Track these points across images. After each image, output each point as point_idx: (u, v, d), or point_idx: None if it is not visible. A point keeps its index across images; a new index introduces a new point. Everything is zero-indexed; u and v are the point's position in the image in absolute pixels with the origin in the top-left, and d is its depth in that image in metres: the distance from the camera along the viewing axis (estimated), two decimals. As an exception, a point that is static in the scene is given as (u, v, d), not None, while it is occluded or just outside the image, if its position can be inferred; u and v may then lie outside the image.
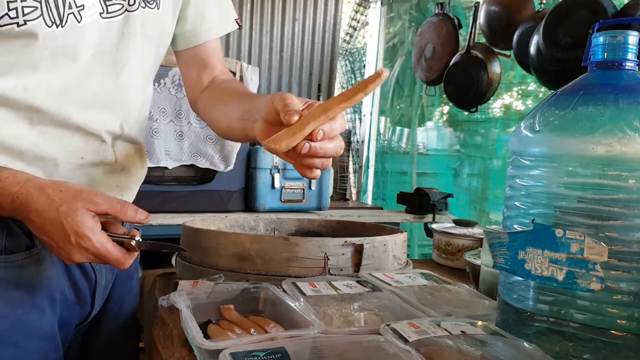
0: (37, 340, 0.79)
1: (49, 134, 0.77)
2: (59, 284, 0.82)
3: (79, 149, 0.80)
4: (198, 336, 0.64)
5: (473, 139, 2.78)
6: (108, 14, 0.77)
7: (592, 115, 0.59)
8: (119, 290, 0.99)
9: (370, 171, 3.58)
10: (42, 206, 0.68)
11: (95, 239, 0.69)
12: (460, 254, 1.38)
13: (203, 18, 0.96)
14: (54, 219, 0.68)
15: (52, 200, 0.68)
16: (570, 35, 1.72)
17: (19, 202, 0.69)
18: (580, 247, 0.57)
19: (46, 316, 0.80)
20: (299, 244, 0.95)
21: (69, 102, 0.77)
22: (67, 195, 0.69)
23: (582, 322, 0.59)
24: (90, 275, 0.87)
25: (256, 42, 3.29)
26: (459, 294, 0.90)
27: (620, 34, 0.62)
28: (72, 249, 0.69)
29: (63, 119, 0.77)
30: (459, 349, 0.61)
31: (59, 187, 0.70)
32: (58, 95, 0.76)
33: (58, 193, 0.69)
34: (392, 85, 3.39)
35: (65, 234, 0.68)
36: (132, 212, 0.74)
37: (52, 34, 0.71)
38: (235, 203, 2.35)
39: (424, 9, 3.14)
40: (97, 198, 0.71)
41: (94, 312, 0.92)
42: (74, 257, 0.70)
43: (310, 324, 0.68)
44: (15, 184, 0.69)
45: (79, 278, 0.86)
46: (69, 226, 0.68)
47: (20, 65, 0.72)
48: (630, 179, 0.57)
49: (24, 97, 0.73)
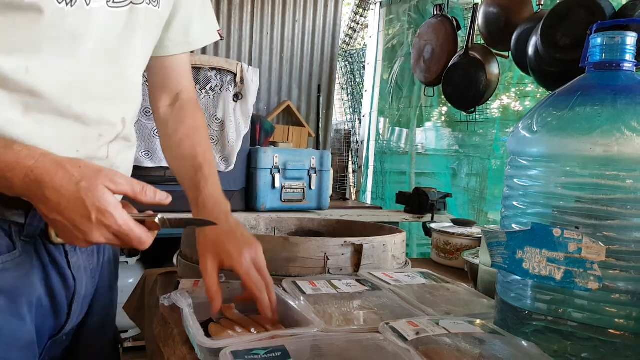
0: (18, 350, 0.74)
1: (45, 123, 0.72)
2: (37, 290, 0.76)
3: (75, 141, 0.76)
4: (199, 335, 0.64)
5: (471, 140, 2.79)
6: (115, 3, 0.76)
7: (590, 115, 0.59)
8: (102, 302, 0.93)
9: (369, 171, 3.59)
10: (60, 181, 0.63)
11: (118, 216, 0.64)
12: (458, 253, 1.39)
13: (188, 29, 0.95)
14: (73, 194, 0.63)
15: (72, 176, 0.64)
16: (568, 36, 1.73)
17: (33, 177, 0.63)
18: (578, 247, 0.58)
19: (27, 325, 0.75)
20: (299, 244, 0.95)
21: (71, 91, 0.73)
22: (87, 171, 0.65)
23: (580, 321, 0.59)
24: (69, 283, 0.81)
25: (256, 43, 3.30)
26: (458, 293, 0.91)
27: (618, 35, 0.63)
28: (91, 228, 0.64)
29: (62, 107, 0.72)
30: (457, 347, 0.62)
31: (77, 163, 0.66)
32: (60, 82, 0.72)
33: (77, 169, 0.65)
34: (392, 86, 3.39)
35: (85, 211, 0.63)
36: (152, 194, 0.69)
37: (61, 12, 0.69)
38: (236, 203, 2.35)
39: (422, 10, 3.15)
40: (117, 177, 0.66)
41: (69, 324, 0.84)
42: (92, 236, 0.65)
43: (310, 323, 0.68)
44: (30, 158, 0.64)
45: (57, 285, 0.79)
46: (90, 202, 0.63)
47: (23, 44, 0.68)
48: (627, 179, 0.57)
49: (24, 79, 0.68)
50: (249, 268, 0.77)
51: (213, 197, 0.87)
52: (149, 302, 1.07)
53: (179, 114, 0.99)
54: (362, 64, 3.76)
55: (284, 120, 3.39)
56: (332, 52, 3.53)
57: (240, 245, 0.79)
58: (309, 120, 3.47)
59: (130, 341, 2.43)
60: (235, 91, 2.36)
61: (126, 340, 2.43)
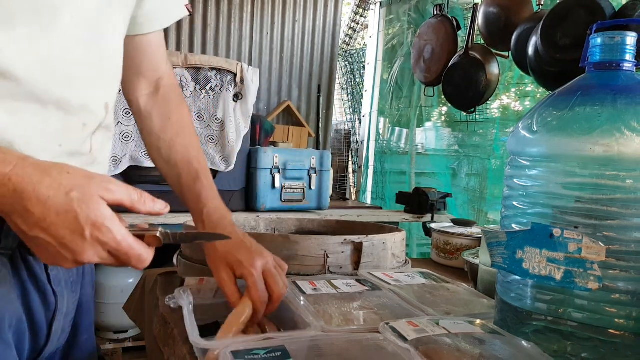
0: None
1: (22, 113, 0.61)
2: (17, 310, 0.66)
3: (57, 133, 0.66)
4: (193, 335, 0.64)
5: (471, 140, 2.79)
6: None
7: (590, 115, 0.59)
8: (88, 317, 0.83)
9: (369, 171, 3.59)
10: (46, 191, 0.53)
11: (116, 231, 0.56)
12: (458, 253, 1.39)
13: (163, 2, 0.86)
14: (62, 206, 0.53)
15: (60, 184, 0.54)
16: (568, 36, 1.73)
17: (12, 187, 0.52)
18: (578, 247, 0.58)
19: (12, 351, 0.65)
20: (299, 242, 0.95)
21: (49, 72, 0.63)
22: (78, 178, 0.55)
23: (580, 321, 0.59)
24: (49, 300, 0.70)
25: (257, 43, 3.30)
26: (458, 293, 0.91)
27: (618, 35, 0.62)
28: (84, 245, 0.55)
29: (40, 92, 0.62)
30: (457, 347, 0.62)
31: (64, 169, 0.56)
32: (37, 62, 0.61)
33: (65, 175, 0.55)
34: (392, 86, 3.40)
35: (78, 227, 0.54)
36: (151, 202, 0.61)
37: None
38: (236, 203, 2.36)
39: (422, 10, 3.15)
40: (111, 185, 0.57)
41: (49, 346, 0.72)
42: (84, 256, 0.55)
43: (310, 323, 0.68)
44: (7, 163, 0.53)
45: (35, 303, 0.69)
46: (84, 216, 0.54)
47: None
48: (627, 179, 0.57)
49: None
50: (259, 279, 0.75)
51: (219, 210, 0.83)
52: (149, 302, 1.07)
53: (165, 108, 0.90)
54: (362, 64, 3.77)
55: (284, 120, 3.39)
56: (332, 52, 3.53)
57: (252, 255, 0.77)
58: (309, 120, 3.47)
59: (130, 341, 2.43)
60: (235, 91, 2.36)
61: (126, 340, 2.43)
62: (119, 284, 2.30)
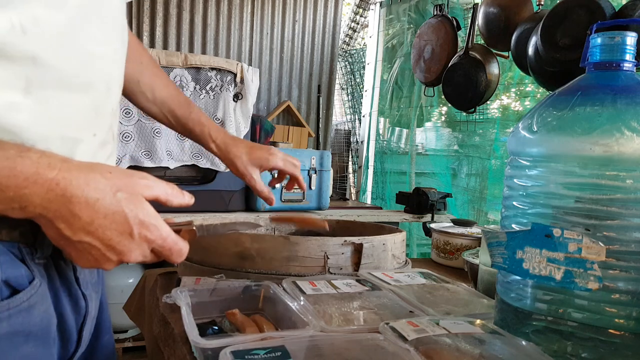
0: None
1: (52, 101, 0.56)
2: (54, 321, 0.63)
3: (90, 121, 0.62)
4: (193, 334, 0.64)
5: (471, 140, 2.79)
6: None
7: (590, 115, 0.59)
8: (107, 317, 0.81)
9: (369, 171, 3.59)
10: (94, 193, 0.51)
11: (162, 228, 0.56)
12: (458, 253, 1.39)
13: None
14: (110, 207, 0.52)
15: (105, 186, 0.52)
16: (568, 36, 1.73)
17: (60, 192, 0.50)
18: (578, 247, 0.58)
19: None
20: (299, 243, 0.95)
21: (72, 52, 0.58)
22: (120, 178, 0.54)
23: (580, 321, 0.59)
24: (80, 304, 0.68)
25: (256, 43, 3.30)
26: (458, 293, 0.91)
27: (618, 35, 0.62)
28: (130, 245, 0.54)
29: (69, 76, 0.58)
30: (457, 347, 0.62)
31: (105, 169, 0.54)
32: (58, 42, 0.56)
33: (109, 176, 0.53)
34: (391, 86, 3.39)
35: (127, 227, 0.53)
36: (181, 195, 0.61)
37: None
38: (236, 203, 2.35)
39: (422, 10, 3.15)
40: (149, 181, 0.57)
41: (79, 352, 0.69)
42: (130, 255, 0.55)
43: (309, 323, 0.68)
44: (51, 167, 0.50)
45: (66, 309, 0.65)
46: (132, 215, 0.53)
47: None
48: (627, 179, 0.57)
49: (22, 42, 0.52)
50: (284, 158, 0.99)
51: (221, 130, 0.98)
52: (149, 302, 1.07)
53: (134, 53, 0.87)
54: (362, 64, 3.77)
55: (284, 120, 3.39)
56: (332, 52, 3.53)
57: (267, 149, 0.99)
58: (309, 120, 3.47)
59: (130, 341, 2.43)
60: (235, 91, 2.36)
61: (126, 340, 2.43)
62: (119, 284, 2.30)
